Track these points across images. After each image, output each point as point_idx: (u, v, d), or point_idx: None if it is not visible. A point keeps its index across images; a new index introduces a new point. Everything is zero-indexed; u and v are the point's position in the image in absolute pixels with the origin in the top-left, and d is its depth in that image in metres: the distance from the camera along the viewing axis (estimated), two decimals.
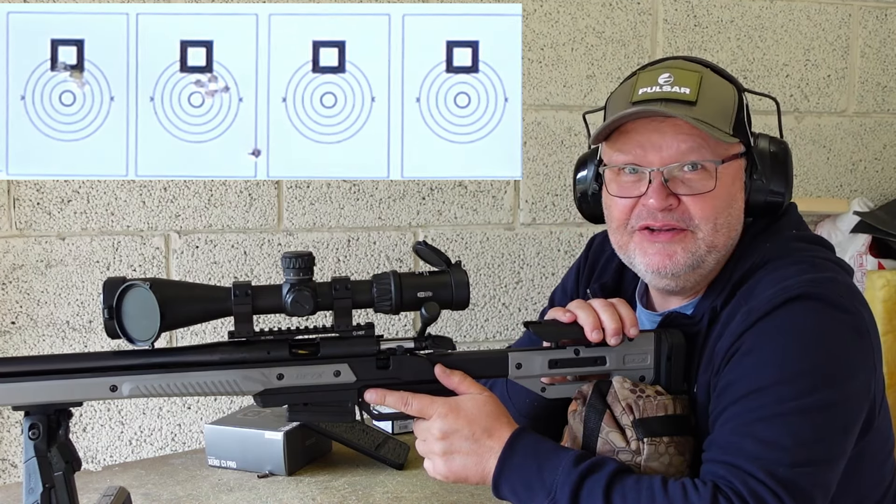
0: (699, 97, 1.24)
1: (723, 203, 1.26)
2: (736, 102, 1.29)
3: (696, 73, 1.27)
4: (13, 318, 2.10)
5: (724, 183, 1.26)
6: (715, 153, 1.25)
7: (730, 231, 1.28)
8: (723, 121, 1.25)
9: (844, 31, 2.68)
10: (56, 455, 1.14)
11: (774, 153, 1.30)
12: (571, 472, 1.14)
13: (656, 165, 1.25)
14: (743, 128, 1.29)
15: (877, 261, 2.51)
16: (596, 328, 1.24)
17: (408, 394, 1.20)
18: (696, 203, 1.25)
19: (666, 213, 1.25)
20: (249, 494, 1.54)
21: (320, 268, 2.11)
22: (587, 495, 1.13)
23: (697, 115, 1.22)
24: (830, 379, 1.17)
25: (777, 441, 1.13)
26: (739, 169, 1.29)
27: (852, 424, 1.20)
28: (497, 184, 2.39)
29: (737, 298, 1.26)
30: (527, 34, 2.38)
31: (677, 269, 1.27)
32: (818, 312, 1.19)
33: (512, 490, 1.18)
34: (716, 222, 1.26)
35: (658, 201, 1.24)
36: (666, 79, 1.26)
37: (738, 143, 1.27)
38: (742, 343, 1.20)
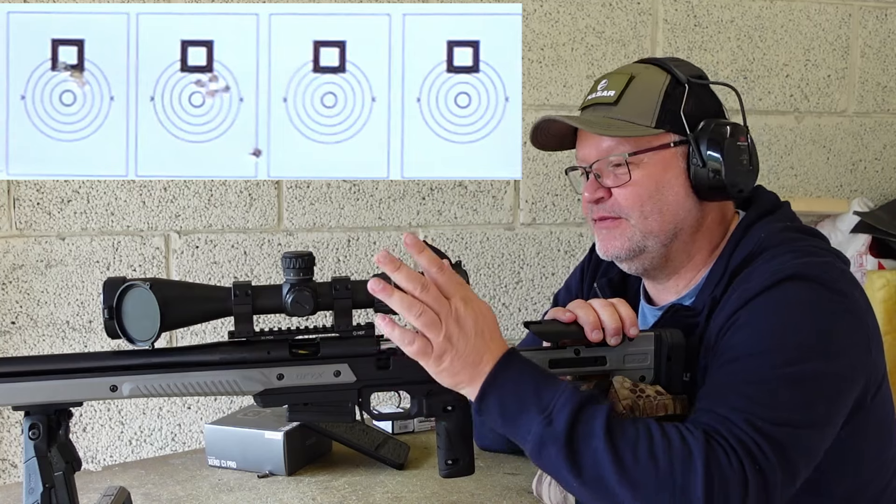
0: (621, 97, 1.37)
1: (647, 191, 1.36)
2: (661, 96, 1.37)
3: (627, 75, 1.40)
4: (13, 318, 2.10)
5: (649, 172, 1.36)
6: (635, 146, 1.36)
7: (663, 216, 1.37)
8: (642, 116, 1.36)
9: (844, 31, 2.68)
10: (56, 455, 1.14)
11: (713, 138, 1.35)
12: (574, 395, 1.13)
13: (590, 162, 1.39)
14: (675, 118, 1.36)
15: (877, 261, 2.51)
16: (596, 328, 1.25)
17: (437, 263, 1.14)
18: (621, 193, 1.37)
19: (600, 206, 1.39)
20: (249, 494, 1.54)
21: (320, 268, 2.11)
22: (586, 421, 1.12)
23: (614, 115, 1.36)
24: (819, 352, 1.20)
25: (762, 399, 1.16)
26: (672, 157, 1.37)
27: (838, 397, 1.22)
28: (497, 184, 2.39)
29: (733, 286, 1.29)
30: (527, 34, 2.38)
31: (618, 253, 1.39)
32: (811, 290, 1.23)
33: (499, 401, 1.14)
34: (642, 209, 1.36)
35: (589, 194, 1.39)
36: (603, 84, 1.42)
37: (662, 133, 1.36)
38: (736, 319, 1.25)
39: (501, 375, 1.14)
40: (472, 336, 1.14)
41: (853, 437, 1.27)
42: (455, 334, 1.13)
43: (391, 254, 1.13)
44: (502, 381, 1.14)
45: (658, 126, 1.35)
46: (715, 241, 1.40)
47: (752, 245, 1.33)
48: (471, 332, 1.14)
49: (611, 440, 1.10)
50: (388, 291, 1.12)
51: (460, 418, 1.23)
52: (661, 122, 1.36)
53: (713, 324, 1.28)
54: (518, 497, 1.48)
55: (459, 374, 1.14)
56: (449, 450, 1.23)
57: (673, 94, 1.37)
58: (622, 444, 1.11)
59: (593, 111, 1.40)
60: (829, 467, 1.24)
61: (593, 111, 1.40)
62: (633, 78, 1.38)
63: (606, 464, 1.10)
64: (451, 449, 1.23)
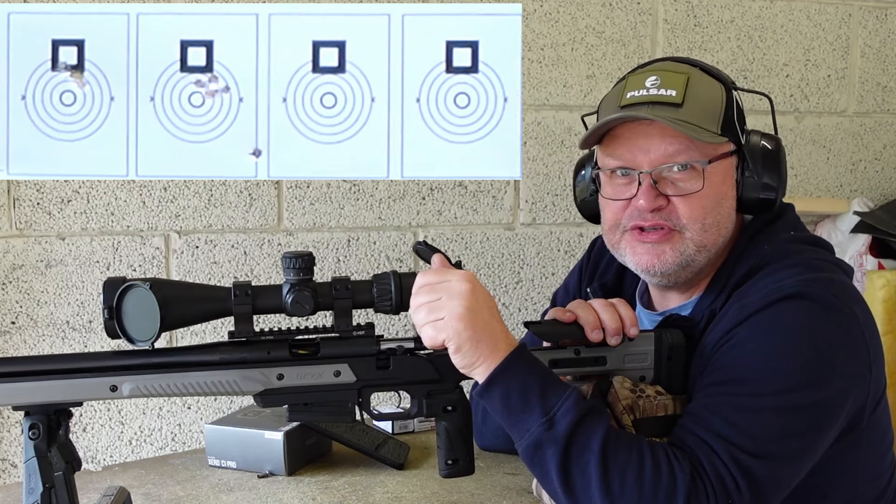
0: (685, 99, 1.27)
1: (711, 202, 1.29)
2: (724, 101, 1.31)
3: (683, 75, 1.30)
4: (13, 318, 2.10)
5: (713, 182, 1.29)
6: (703, 153, 1.28)
7: (719, 229, 1.31)
8: (710, 121, 1.28)
9: (844, 31, 2.68)
10: (56, 455, 1.14)
11: (766, 150, 1.32)
12: (578, 404, 1.13)
13: (645, 167, 1.28)
14: (732, 126, 1.31)
15: (877, 261, 2.51)
16: (596, 328, 1.25)
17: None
18: (685, 203, 1.28)
19: (655, 214, 1.29)
20: (249, 494, 1.54)
21: (320, 268, 2.11)
22: (586, 433, 1.12)
23: (683, 117, 1.26)
24: (812, 379, 1.18)
25: (745, 429, 1.15)
26: (729, 167, 1.31)
27: (827, 425, 1.20)
28: (497, 184, 2.39)
29: (733, 299, 1.27)
30: (527, 34, 2.38)
31: (666, 269, 1.30)
32: (809, 312, 1.21)
33: (505, 393, 1.14)
34: (704, 222, 1.29)
35: (647, 202, 1.28)
36: (653, 82, 1.30)
37: (726, 142, 1.30)
38: (732, 336, 1.23)
39: (512, 368, 1.14)
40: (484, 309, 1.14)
41: (850, 449, 1.26)
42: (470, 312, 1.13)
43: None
44: (512, 374, 1.14)
45: (722, 133, 1.29)
46: (725, 251, 1.36)
47: (755, 258, 1.30)
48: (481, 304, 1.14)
49: (604, 459, 1.11)
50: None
51: (460, 418, 1.23)
52: (724, 130, 1.29)
53: (709, 336, 1.26)
54: (518, 497, 1.48)
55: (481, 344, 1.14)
56: (449, 450, 1.24)
57: (729, 101, 1.31)
58: (613, 466, 1.11)
59: (652, 110, 1.27)
60: (826, 476, 1.24)
61: (652, 110, 1.27)
62: (690, 78, 1.30)
63: (595, 481, 1.11)
64: (451, 449, 1.23)
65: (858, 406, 1.25)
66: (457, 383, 1.23)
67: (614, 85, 1.39)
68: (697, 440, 1.15)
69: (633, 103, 1.29)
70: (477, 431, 1.32)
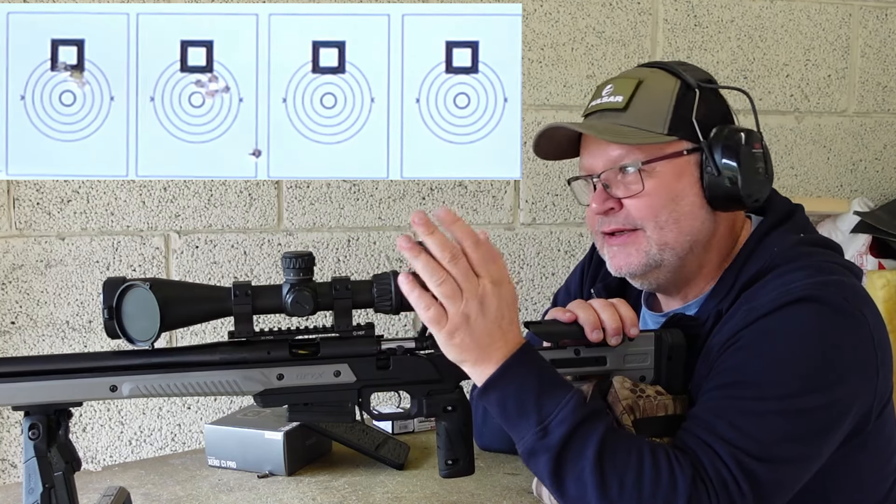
0: (630, 103, 1.32)
1: (661, 201, 1.31)
2: (673, 101, 1.32)
3: (634, 80, 1.34)
4: (13, 318, 2.10)
5: (662, 181, 1.31)
6: (647, 154, 1.31)
7: (679, 227, 1.32)
8: (654, 122, 1.31)
9: (844, 31, 2.68)
10: (56, 455, 1.14)
11: (728, 145, 1.30)
12: (574, 411, 1.12)
13: (597, 172, 1.34)
14: (687, 125, 1.31)
15: (877, 261, 2.51)
16: (596, 328, 1.25)
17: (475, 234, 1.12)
18: (633, 204, 1.32)
19: (611, 217, 1.33)
20: (249, 494, 1.54)
21: (320, 268, 2.11)
22: (580, 441, 1.12)
23: (624, 122, 1.31)
24: (819, 383, 1.18)
25: (750, 432, 1.15)
26: (685, 165, 1.32)
27: (833, 429, 1.20)
28: (497, 184, 2.39)
29: (740, 301, 1.27)
30: (527, 34, 2.38)
31: (634, 269, 1.34)
32: (818, 315, 1.20)
33: (501, 399, 1.14)
34: (657, 220, 1.31)
35: (597, 205, 1.34)
36: (608, 90, 1.36)
37: (675, 140, 1.31)
38: (739, 338, 1.22)
39: (509, 373, 1.14)
40: (491, 320, 1.12)
41: (855, 453, 1.26)
42: (474, 314, 1.11)
43: (428, 216, 1.10)
44: (508, 380, 1.14)
45: (670, 133, 1.31)
46: (724, 252, 1.37)
47: (764, 259, 1.30)
48: (491, 315, 1.12)
49: (600, 465, 1.11)
50: (414, 251, 1.10)
51: (460, 418, 1.23)
52: (674, 129, 1.31)
53: (716, 337, 1.26)
54: (518, 497, 1.48)
55: (466, 353, 1.13)
56: (449, 450, 1.24)
57: (684, 100, 1.32)
58: (610, 470, 1.11)
59: (600, 117, 1.35)
60: (830, 479, 1.24)
61: (600, 117, 1.35)
62: (642, 83, 1.33)
63: (591, 487, 1.11)
64: (451, 449, 1.23)
65: (864, 410, 1.25)
66: (457, 383, 1.23)
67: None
68: (700, 443, 1.15)
69: (591, 112, 1.37)
70: (477, 431, 1.32)
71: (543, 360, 1.19)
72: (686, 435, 1.18)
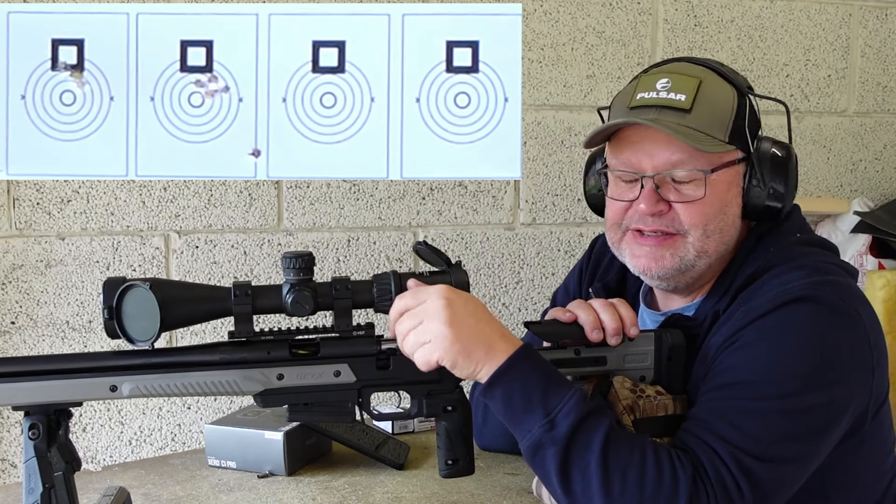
0: (695, 104, 1.26)
1: (714, 210, 1.28)
2: (734, 108, 1.30)
3: (695, 79, 1.29)
4: (13, 318, 2.10)
5: (717, 190, 1.28)
6: (707, 161, 1.27)
7: (722, 236, 1.30)
8: (717, 128, 1.27)
9: (844, 31, 2.68)
10: (56, 455, 1.14)
11: (776, 158, 1.30)
12: (580, 404, 1.13)
13: (649, 172, 1.28)
14: (742, 133, 1.30)
15: (877, 261, 2.51)
16: (596, 328, 1.25)
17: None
18: (686, 210, 1.28)
19: (656, 219, 1.29)
20: (249, 494, 1.53)
21: (320, 268, 2.11)
22: (586, 433, 1.12)
23: (690, 123, 1.25)
24: (816, 382, 1.18)
25: (749, 432, 1.15)
26: (735, 175, 1.30)
27: (831, 428, 1.20)
28: (497, 184, 2.39)
29: (738, 301, 1.27)
30: (527, 34, 2.38)
31: (664, 273, 1.31)
32: (815, 315, 1.20)
33: (507, 393, 1.14)
34: (706, 228, 1.28)
35: (648, 207, 1.28)
36: (664, 84, 1.29)
37: (733, 150, 1.29)
38: (737, 339, 1.22)
39: (514, 368, 1.14)
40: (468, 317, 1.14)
41: (852, 452, 1.26)
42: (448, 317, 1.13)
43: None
44: (514, 374, 1.14)
45: (730, 141, 1.28)
46: (729, 254, 1.36)
47: (761, 260, 1.30)
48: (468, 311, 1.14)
49: (604, 459, 1.11)
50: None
51: (460, 418, 1.23)
52: (733, 137, 1.28)
53: (714, 338, 1.26)
54: (518, 497, 1.48)
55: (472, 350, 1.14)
56: (449, 450, 1.24)
57: (741, 107, 1.30)
58: (614, 466, 1.11)
59: (659, 114, 1.27)
60: (828, 479, 1.24)
61: (659, 114, 1.27)
62: (702, 83, 1.29)
63: (595, 481, 1.11)
64: (451, 449, 1.23)
65: (861, 409, 1.25)
66: (457, 383, 1.23)
67: (629, 82, 1.38)
68: (700, 443, 1.15)
69: (642, 105, 1.29)
70: (477, 431, 1.32)
71: (544, 359, 1.19)
72: (685, 435, 1.18)
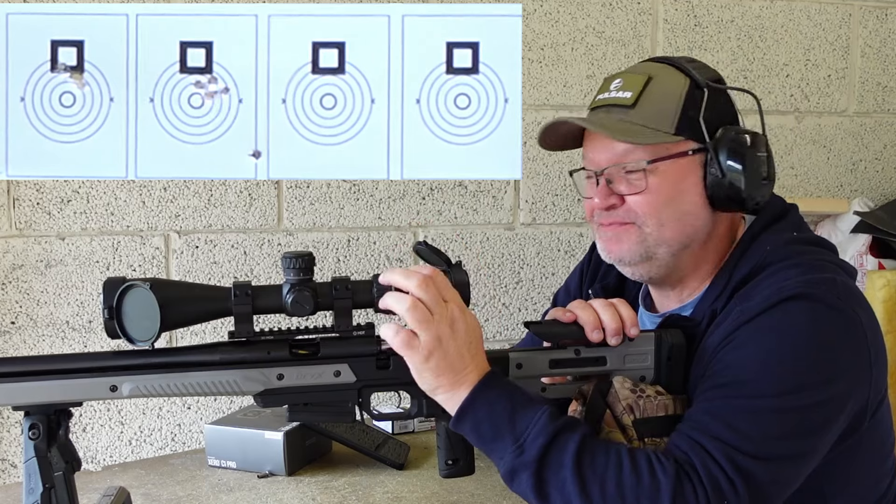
0: (639, 101, 1.31)
1: (664, 199, 1.31)
2: (682, 100, 1.32)
3: (644, 76, 1.34)
4: (13, 318, 2.10)
5: (667, 180, 1.31)
6: (652, 152, 1.30)
7: (681, 226, 1.32)
8: (662, 121, 1.31)
9: (844, 31, 2.68)
10: (56, 455, 1.14)
11: (734, 147, 1.31)
12: (548, 425, 1.13)
13: (602, 167, 1.33)
14: (695, 124, 1.31)
15: (877, 261, 2.51)
16: (596, 328, 1.24)
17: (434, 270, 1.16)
18: (636, 201, 1.32)
19: (612, 212, 1.33)
20: (249, 494, 1.54)
21: (320, 268, 2.11)
22: (557, 452, 1.12)
23: (633, 119, 1.31)
24: (813, 380, 1.18)
25: (744, 431, 1.14)
26: (690, 165, 1.32)
27: (828, 426, 1.20)
28: (497, 184, 2.39)
29: (734, 301, 1.27)
30: (527, 34, 2.38)
31: (624, 256, 1.34)
32: (812, 312, 1.20)
33: (475, 425, 1.15)
34: (658, 217, 1.31)
35: (600, 200, 1.33)
36: (616, 84, 1.35)
37: (682, 140, 1.31)
38: (734, 338, 1.22)
39: (479, 398, 1.15)
40: (462, 343, 1.15)
41: (851, 452, 1.26)
42: (446, 336, 1.13)
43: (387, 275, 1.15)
44: (479, 404, 1.15)
45: (678, 133, 1.30)
46: (722, 252, 1.37)
47: (756, 258, 1.30)
48: (462, 338, 1.15)
49: (579, 474, 1.11)
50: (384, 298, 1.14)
51: None
52: (681, 129, 1.31)
53: (711, 338, 1.26)
54: (518, 497, 1.48)
55: (442, 377, 1.15)
56: (449, 450, 1.24)
57: (693, 99, 1.32)
58: (590, 478, 1.11)
59: (608, 112, 1.34)
60: (827, 479, 1.24)
61: (608, 112, 1.34)
62: (651, 79, 1.33)
63: (574, 497, 1.11)
64: (451, 449, 1.23)
65: (859, 408, 1.25)
66: None
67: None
68: (692, 443, 1.15)
69: (597, 106, 1.36)
70: None
71: (512, 382, 1.19)
72: (678, 436, 1.18)
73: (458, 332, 1.14)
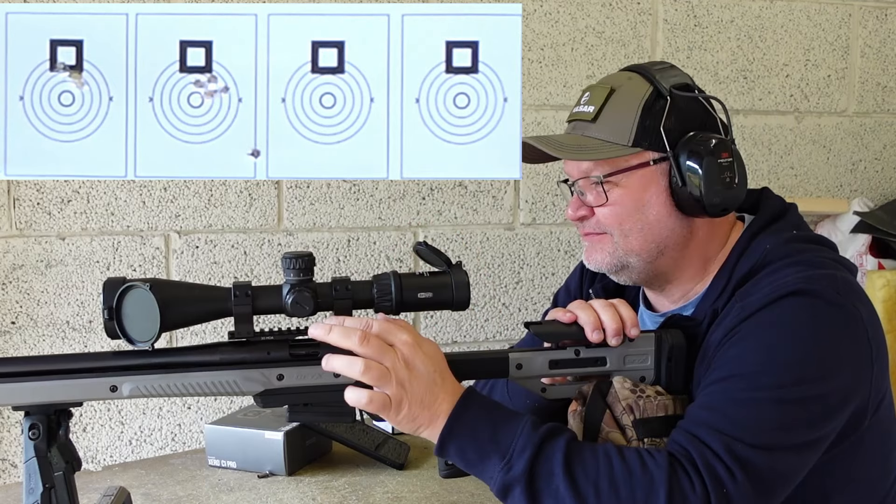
0: (599, 115, 1.35)
1: (626, 210, 1.34)
2: (639, 112, 1.32)
3: (607, 88, 1.36)
4: (13, 318, 2.10)
5: (628, 191, 1.33)
6: (611, 166, 1.33)
7: (644, 235, 1.34)
8: (620, 134, 1.33)
9: (844, 31, 2.69)
10: (56, 455, 1.14)
11: (694, 154, 1.31)
12: (532, 436, 1.13)
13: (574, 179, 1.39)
14: (654, 133, 1.32)
15: (877, 261, 2.51)
16: (596, 328, 1.25)
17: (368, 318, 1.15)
18: (602, 212, 1.35)
19: (584, 222, 1.38)
20: (249, 494, 1.54)
21: (320, 268, 2.11)
22: (545, 461, 1.12)
23: (593, 133, 1.34)
24: (813, 373, 1.19)
25: (743, 421, 1.15)
26: (651, 175, 1.33)
27: (828, 419, 1.20)
28: (497, 184, 2.39)
29: (735, 299, 1.27)
30: (527, 34, 2.38)
31: (599, 266, 1.38)
32: (812, 308, 1.21)
33: (460, 451, 1.15)
34: (621, 228, 1.34)
35: (572, 211, 1.39)
36: (585, 98, 1.40)
37: (639, 152, 1.32)
38: (735, 333, 1.23)
39: (457, 425, 1.14)
40: (424, 377, 1.14)
41: (853, 450, 1.26)
42: (406, 379, 1.13)
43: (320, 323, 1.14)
44: (458, 430, 1.14)
45: (636, 144, 1.32)
46: (709, 253, 1.37)
47: (755, 257, 1.31)
48: (423, 373, 1.14)
49: (571, 479, 1.11)
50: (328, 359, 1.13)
51: None
52: (640, 140, 1.32)
53: (713, 336, 1.26)
54: None
55: (418, 419, 1.15)
56: None
57: (653, 109, 1.32)
58: (583, 482, 1.11)
59: (573, 128, 1.39)
60: (829, 477, 1.24)
61: (573, 128, 1.39)
62: (613, 92, 1.35)
63: (569, 502, 1.11)
64: None
65: (860, 404, 1.25)
66: None
67: None
68: (690, 437, 1.15)
69: (570, 120, 1.42)
70: None
71: (489, 399, 1.19)
72: (677, 432, 1.18)
73: (417, 370, 1.13)
